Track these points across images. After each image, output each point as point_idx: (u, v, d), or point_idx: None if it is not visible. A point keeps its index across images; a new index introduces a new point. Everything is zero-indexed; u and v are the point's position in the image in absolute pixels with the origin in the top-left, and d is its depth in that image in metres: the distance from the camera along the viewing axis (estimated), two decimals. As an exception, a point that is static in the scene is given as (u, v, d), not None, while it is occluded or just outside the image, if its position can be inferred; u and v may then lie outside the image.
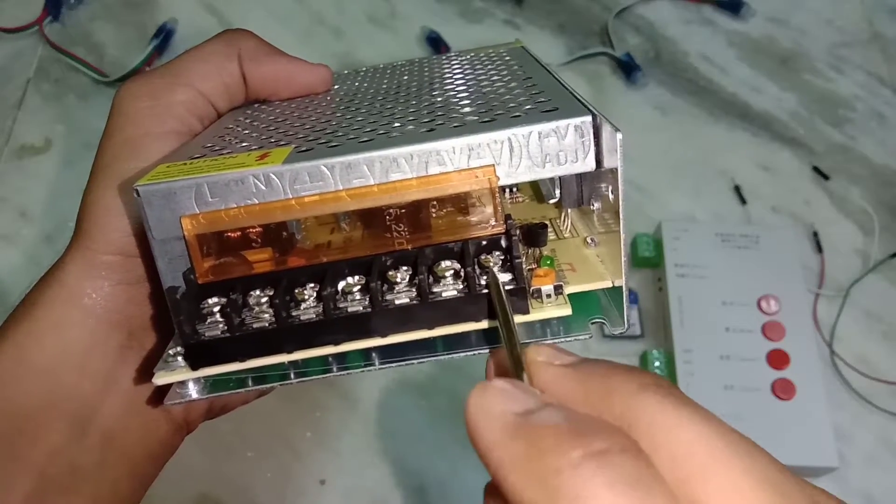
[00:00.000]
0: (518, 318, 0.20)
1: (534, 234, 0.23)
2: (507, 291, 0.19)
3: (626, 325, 0.21)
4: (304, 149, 0.20)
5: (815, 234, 0.50)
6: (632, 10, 0.61)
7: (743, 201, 0.52)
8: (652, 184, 0.53)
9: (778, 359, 0.42)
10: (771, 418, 0.40)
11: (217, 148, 0.22)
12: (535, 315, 0.20)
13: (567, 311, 0.20)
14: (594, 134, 0.19)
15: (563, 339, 0.21)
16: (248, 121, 0.25)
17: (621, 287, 0.21)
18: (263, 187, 0.19)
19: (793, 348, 0.42)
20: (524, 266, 0.20)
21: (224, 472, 0.43)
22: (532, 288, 0.20)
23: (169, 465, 0.45)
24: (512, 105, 0.21)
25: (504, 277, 0.20)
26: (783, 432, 0.40)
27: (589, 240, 0.24)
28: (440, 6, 0.62)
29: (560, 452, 0.12)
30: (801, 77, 0.58)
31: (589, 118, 0.19)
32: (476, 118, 0.20)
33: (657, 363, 0.43)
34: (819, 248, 0.49)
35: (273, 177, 0.19)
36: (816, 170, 0.53)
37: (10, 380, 0.22)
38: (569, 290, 0.21)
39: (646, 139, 0.55)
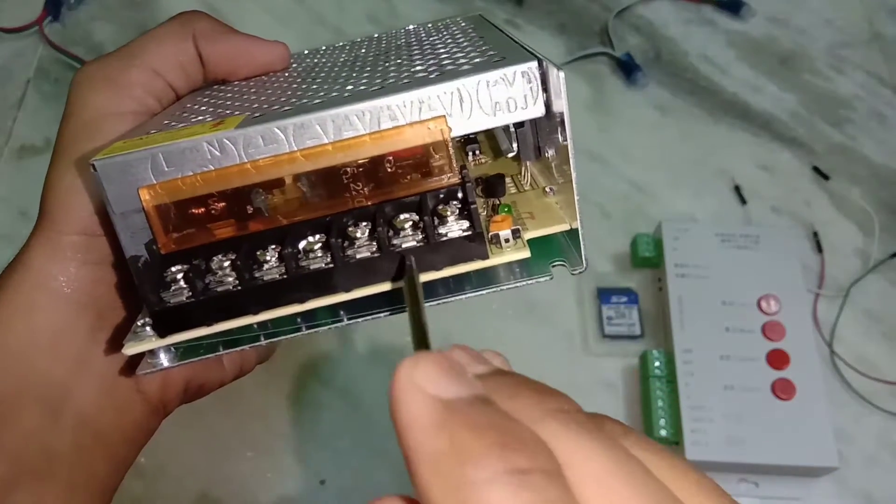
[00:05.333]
0: (479, 264, 0.20)
1: (492, 185, 0.23)
2: (466, 237, 0.20)
3: (584, 265, 0.21)
4: (258, 115, 0.20)
5: (815, 234, 0.50)
6: (632, 10, 0.61)
7: (743, 201, 0.52)
8: (652, 184, 0.53)
9: (778, 359, 0.42)
10: (771, 418, 0.40)
11: (173, 123, 0.22)
12: (495, 259, 0.21)
13: (525, 253, 0.21)
14: (541, 79, 0.19)
15: (525, 282, 0.21)
16: (206, 99, 0.25)
17: (577, 229, 0.21)
18: (218, 153, 0.19)
19: (793, 348, 0.42)
20: (481, 214, 0.20)
21: (224, 472, 0.43)
22: (490, 234, 0.21)
23: (169, 465, 0.45)
24: (462, 60, 0.21)
25: (462, 225, 0.20)
26: (783, 432, 0.40)
27: (548, 189, 0.24)
28: (440, 6, 0.62)
29: (480, 463, 0.12)
30: (801, 77, 0.58)
31: (534, 63, 0.19)
32: (425, 74, 0.20)
33: (657, 363, 0.43)
34: (819, 248, 0.49)
35: (227, 142, 0.19)
36: (816, 170, 0.53)
37: None
38: (528, 235, 0.22)
39: (646, 139, 0.55)
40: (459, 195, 0.20)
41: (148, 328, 0.21)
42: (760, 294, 0.44)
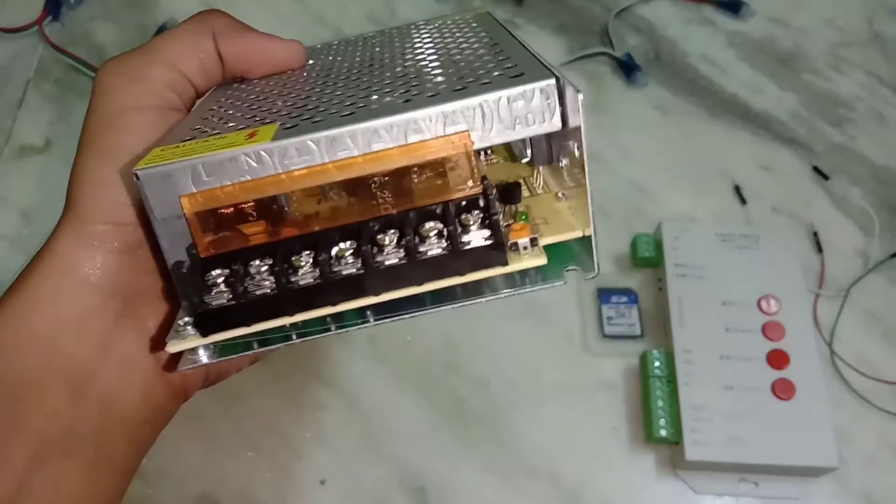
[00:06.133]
0: (499, 270, 0.22)
1: (509, 192, 0.24)
2: (488, 246, 0.21)
3: (596, 270, 0.23)
4: (289, 125, 0.21)
5: (815, 234, 0.50)
6: (632, 10, 0.61)
7: (743, 201, 0.52)
8: (652, 184, 0.53)
9: (778, 359, 0.42)
10: (771, 418, 0.40)
11: (205, 129, 0.23)
12: (514, 266, 0.22)
13: (543, 260, 0.22)
14: (559, 95, 0.20)
15: (541, 287, 0.23)
16: (229, 101, 0.26)
17: (591, 236, 0.22)
18: (255, 164, 0.20)
19: (793, 348, 0.42)
20: (501, 222, 0.21)
21: (224, 472, 0.43)
22: (510, 241, 0.22)
23: (169, 466, 0.45)
24: (482, 72, 0.22)
25: (483, 234, 0.21)
26: (783, 432, 0.40)
27: (560, 194, 0.25)
28: (440, 6, 0.62)
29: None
30: (801, 77, 0.58)
31: (553, 81, 0.20)
32: (448, 86, 0.21)
33: (657, 363, 0.43)
34: (819, 248, 0.49)
35: (263, 154, 0.20)
36: (816, 170, 0.53)
37: (10, 348, 0.23)
38: (543, 241, 0.23)
39: (646, 139, 0.55)
40: (481, 203, 0.22)
41: (189, 328, 0.22)
42: (760, 294, 0.44)
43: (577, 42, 0.59)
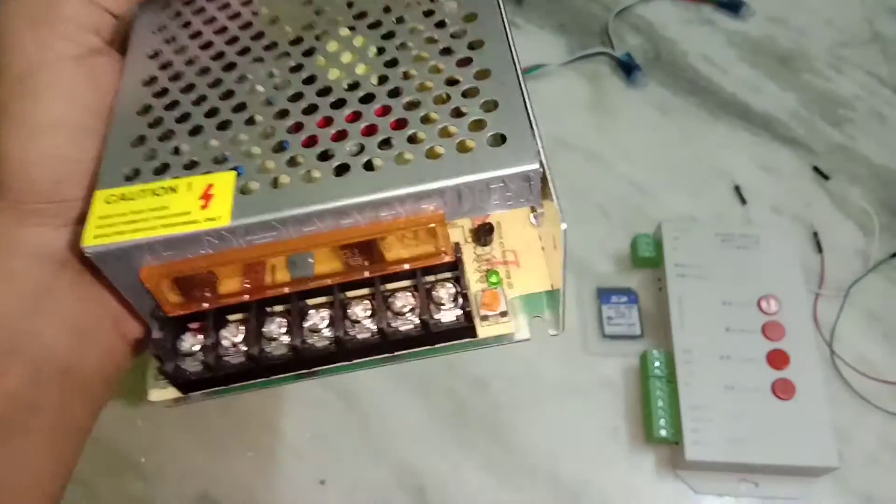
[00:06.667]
0: (467, 341, 0.22)
1: (481, 234, 0.24)
2: (459, 325, 0.21)
3: (560, 328, 0.23)
4: (246, 183, 0.20)
5: (815, 234, 0.50)
6: (632, 10, 0.61)
7: (743, 201, 0.52)
8: (652, 184, 0.53)
9: (778, 359, 0.42)
10: (771, 418, 0.40)
11: (152, 149, 0.21)
12: (483, 334, 0.22)
13: (510, 329, 0.22)
14: (542, 178, 0.19)
15: (505, 344, 0.23)
16: (167, 75, 0.23)
17: (559, 291, 0.22)
18: (216, 241, 0.19)
19: (793, 348, 0.42)
20: (471, 293, 0.21)
21: (224, 472, 0.43)
22: (481, 314, 0.22)
23: (169, 465, 0.45)
24: (458, 118, 0.20)
25: (455, 312, 0.21)
26: (783, 432, 0.40)
27: (532, 218, 0.24)
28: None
29: None
30: (801, 77, 0.58)
31: (536, 166, 0.19)
32: (423, 150, 0.20)
33: (657, 363, 0.43)
34: (819, 248, 0.49)
35: (224, 233, 0.19)
36: (816, 170, 0.53)
37: None
38: (511, 293, 0.23)
39: (646, 139, 0.55)
40: (452, 274, 0.21)
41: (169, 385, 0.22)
42: (760, 294, 0.44)
43: (577, 42, 0.59)
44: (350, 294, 0.22)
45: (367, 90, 0.22)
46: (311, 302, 0.22)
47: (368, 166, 0.20)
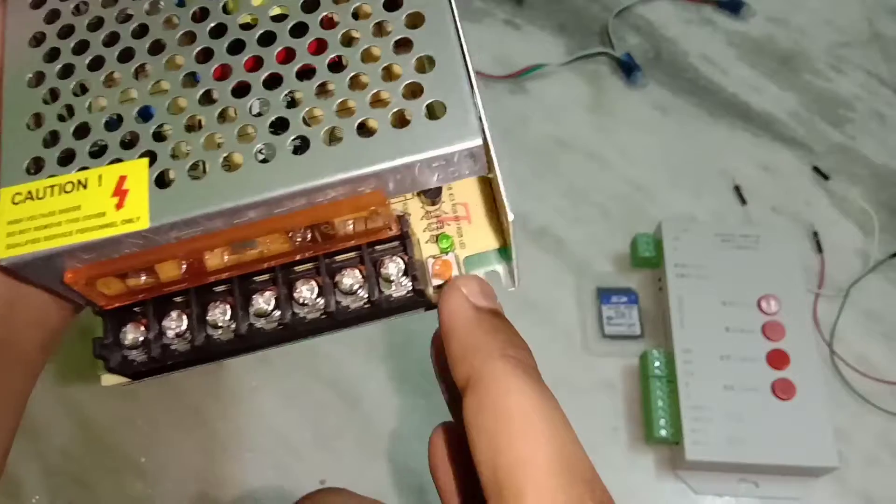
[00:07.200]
0: (420, 311, 0.21)
1: (430, 193, 0.22)
2: (410, 296, 0.20)
3: (515, 283, 0.22)
4: (162, 173, 0.18)
5: (815, 234, 0.50)
6: (632, 10, 0.61)
7: (743, 201, 0.52)
8: (652, 184, 0.53)
9: (778, 359, 0.42)
10: (771, 418, 0.40)
11: (51, 145, 0.19)
12: (437, 299, 0.21)
13: None
14: (484, 148, 0.18)
15: None
16: (55, 31, 0.20)
17: (510, 248, 0.21)
18: (140, 241, 0.18)
19: (793, 348, 0.42)
20: (421, 264, 0.20)
21: (224, 472, 0.43)
22: (433, 284, 0.21)
23: (169, 465, 0.45)
24: (394, 96, 0.18)
25: (405, 284, 0.20)
26: (783, 432, 0.40)
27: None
28: None
29: (493, 345, 0.18)
30: (801, 77, 0.58)
31: (479, 142, 0.17)
32: (354, 125, 0.18)
33: (657, 363, 0.43)
34: (819, 248, 0.49)
35: (147, 234, 0.18)
36: (816, 170, 0.53)
37: None
38: (462, 253, 0.21)
39: (646, 139, 0.55)
40: (401, 247, 0.20)
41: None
42: (760, 294, 0.44)
43: (577, 42, 0.59)
44: (297, 270, 0.20)
45: (285, 44, 0.19)
46: (257, 279, 0.21)
47: (296, 150, 0.18)
